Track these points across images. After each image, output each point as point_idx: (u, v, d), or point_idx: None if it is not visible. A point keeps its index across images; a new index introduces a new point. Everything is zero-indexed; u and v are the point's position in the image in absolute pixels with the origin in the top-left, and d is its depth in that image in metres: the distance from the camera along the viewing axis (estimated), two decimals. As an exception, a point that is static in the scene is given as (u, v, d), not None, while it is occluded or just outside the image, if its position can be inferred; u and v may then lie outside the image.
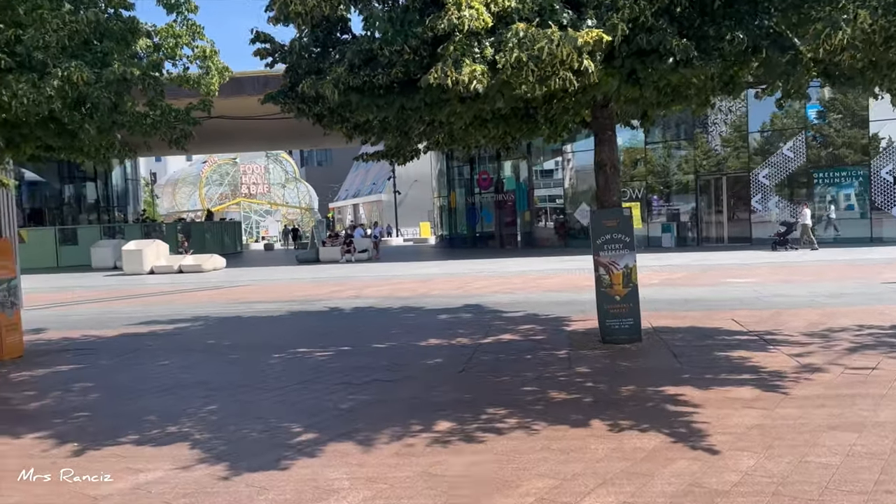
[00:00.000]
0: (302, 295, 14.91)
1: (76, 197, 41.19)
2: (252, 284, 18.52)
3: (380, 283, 17.23)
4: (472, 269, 20.41)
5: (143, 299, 15.73)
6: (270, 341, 9.08)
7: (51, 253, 31.91)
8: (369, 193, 77.03)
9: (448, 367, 7.16)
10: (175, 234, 36.68)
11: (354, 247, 28.58)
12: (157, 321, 11.44)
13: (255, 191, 67.11)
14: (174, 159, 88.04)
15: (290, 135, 39.12)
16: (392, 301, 12.94)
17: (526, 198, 35.22)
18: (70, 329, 10.93)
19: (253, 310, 12.50)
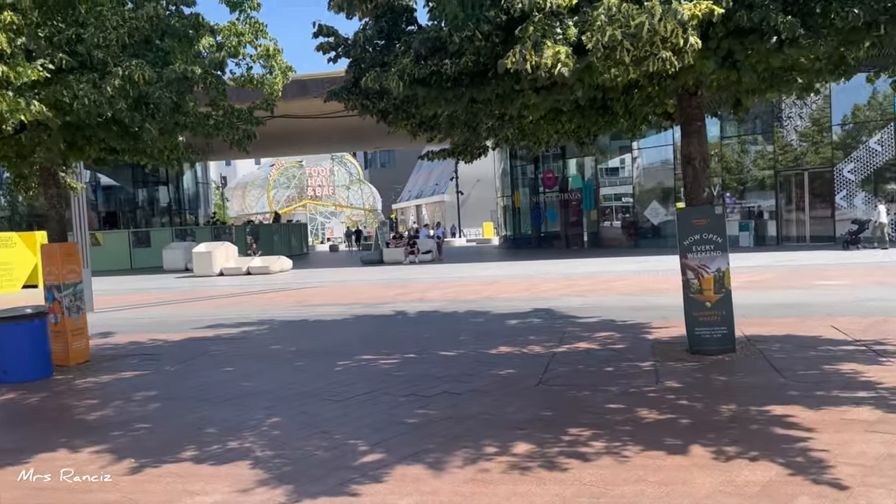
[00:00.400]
0: (366, 298, 14.65)
1: (149, 200, 42.48)
2: (318, 286, 18.43)
3: (444, 285, 16.83)
4: (539, 270, 19.80)
5: (211, 302, 15.79)
6: (335, 347, 8.77)
7: (125, 255, 32.86)
8: (432, 194, 77.06)
9: (522, 378, 6.66)
10: (244, 236, 37.29)
11: (418, 248, 28.33)
12: (224, 324, 11.33)
13: (320, 193, 68.05)
14: (244, 163, 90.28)
15: (354, 136, 39.30)
16: (458, 304, 12.50)
17: (592, 196, 34.29)
18: (138, 332, 10.93)
19: (318, 313, 12.28)
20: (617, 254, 26.06)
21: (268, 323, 11.34)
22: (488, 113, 6.89)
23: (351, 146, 51.42)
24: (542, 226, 37.25)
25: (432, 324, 10.43)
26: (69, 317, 8.38)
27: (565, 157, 35.40)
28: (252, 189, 70.83)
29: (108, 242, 33.14)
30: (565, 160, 35.70)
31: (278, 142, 40.55)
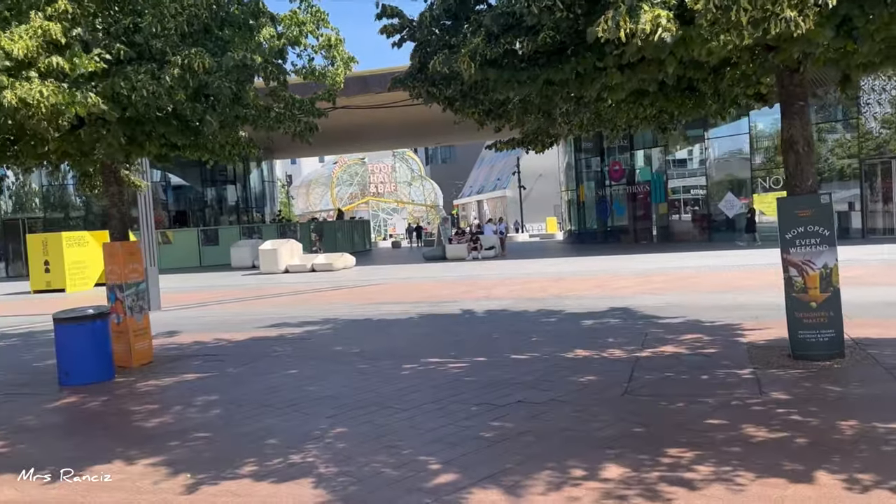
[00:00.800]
0: (431, 295, 14.24)
1: (218, 199, 43.32)
2: (381, 284, 18.15)
3: (510, 282, 16.27)
4: (608, 266, 19.00)
5: (275, 300, 15.69)
6: (400, 349, 8.36)
7: (194, 253, 33.49)
8: (493, 189, 76.40)
9: (605, 386, 6.07)
10: (308, 233, 37.59)
11: (481, 244, 27.81)
12: (288, 324, 11.10)
13: (382, 189, 68.32)
14: (308, 161, 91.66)
15: (416, 132, 39.09)
16: (526, 303, 11.93)
17: (662, 189, 33.05)
18: (202, 331, 10.80)
19: (382, 312, 11.93)
20: (689, 248, 24.95)
21: (331, 322, 11.04)
22: (564, 96, 6.32)
23: (413, 142, 51.33)
24: (608, 220, 36.18)
25: (501, 324, 9.90)
26: (132, 317, 8.23)
27: (633, 148, 34.26)
28: (316, 187, 71.70)
29: (178, 241, 33.87)
30: (633, 152, 34.55)
31: (341, 138, 40.70)
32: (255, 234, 35.69)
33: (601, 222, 36.57)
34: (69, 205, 37.76)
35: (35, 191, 37.17)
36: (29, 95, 5.33)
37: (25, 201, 37.45)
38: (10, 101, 5.33)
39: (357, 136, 39.80)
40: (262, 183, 44.52)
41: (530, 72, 5.67)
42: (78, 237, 23.48)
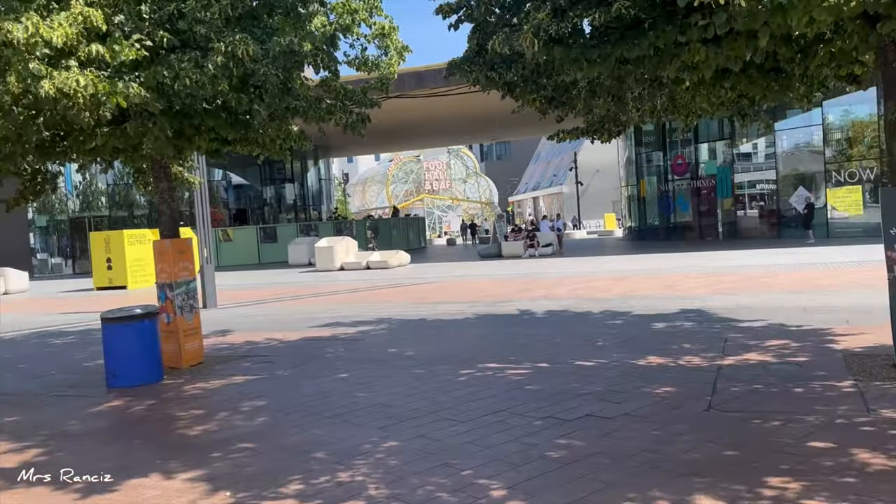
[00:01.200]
0: (487, 295, 13.74)
1: (276, 197, 43.80)
2: (436, 282, 17.75)
3: (570, 280, 15.63)
4: (674, 264, 18.12)
5: (330, 297, 15.46)
6: (456, 352, 7.89)
7: (253, 250, 33.85)
8: (549, 185, 75.31)
9: (685, 400, 5.46)
10: (364, 230, 37.62)
11: (538, 241, 27.14)
12: (341, 323, 10.79)
13: (437, 187, 68.14)
14: (364, 160, 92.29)
15: (471, 127, 38.63)
16: (589, 303, 11.31)
17: (728, 183, 31.68)
18: (255, 330, 10.58)
19: (437, 312, 11.49)
20: (758, 245, 23.73)
21: (385, 322, 10.67)
22: (638, 77, 5.74)
23: (469, 138, 50.88)
24: (671, 216, 34.94)
25: (563, 326, 9.32)
26: (182, 316, 8.00)
27: (697, 141, 32.95)
28: (372, 184, 72.05)
29: (237, 238, 34.32)
30: (697, 145, 33.23)
31: (396, 135, 40.58)
32: (312, 231, 35.87)
33: (663, 218, 35.33)
34: (133, 203, 38.73)
35: (101, 190, 38.28)
36: (66, 85, 5.08)
37: (92, 200, 38.62)
38: (47, 92, 5.08)
39: (412, 132, 39.62)
40: (319, 181, 44.83)
41: (601, 49, 5.12)
42: (139, 235, 23.88)
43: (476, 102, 29.24)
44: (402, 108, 30.51)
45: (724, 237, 31.62)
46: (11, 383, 7.80)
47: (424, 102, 29.12)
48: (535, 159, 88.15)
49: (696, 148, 33.43)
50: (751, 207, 32.29)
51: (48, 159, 7.44)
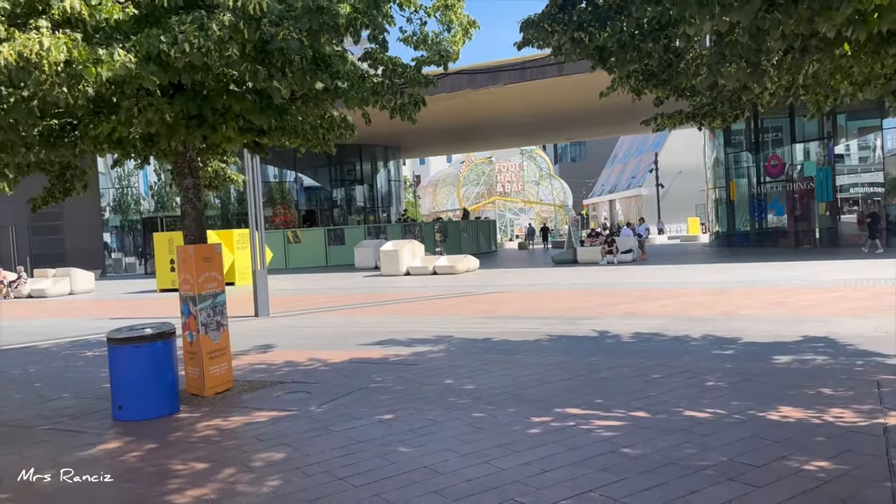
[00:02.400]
0: (563, 308, 12.18)
1: (346, 199, 43.21)
2: (505, 291, 16.27)
3: (658, 293, 13.86)
4: (774, 275, 16.03)
5: (390, 307, 14.25)
6: (527, 388, 6.43)
7: (321, 252, 33.27)
8: (627, 188, 72.54)
9: (855, 487, 3.84)
10: (433, 233, 36.53)
11: (617, 247, 25.25)
12: (396, 340, 9.50)
13: (509, 189, 66.42)
14: (436, 161, 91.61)
15: (545, 125, 36.93)
16: (685, 324, 9.61)
17: (829, 186, 28.85)
18: (300, 347, 9.40)
19: (504, 329, 10.05)
20: (864, 255, 21.10)
21: (445, 341, 9.30)
22: (786, 32, 4.14)
23: (542, 138, 49.12)
24: (762, 221, 32.25)
25: (659, 355, 7.70)
26: (206, 335, 6.85)
27: (794, 140, 30.22)
28: (443, 186, 71.02)
29: (306, 240, 33.81)
30: (793, 145, 30.48)
31: (467, 136, 39.31)
32: (381, 233, 35.02)
33: (754, 223, 32.68)
34: (206, 203, 38.91)
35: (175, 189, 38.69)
36: (27, 48, 3.93)
37: (167, 200, 39.01)
38: (6, 58, 3.95)
39: (483, 132, 38.24)
40: (389, 182, 44.02)
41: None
42: (204, 236, 23.45)
43: (550, 96, 27.58)
44: (475, 108, 29.21)
45: (823, 244, 28.86)
46: (13, 409, 6.83)
47: (495, 99, 27.69)
48: (611, 161, 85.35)
49: (793, 148, 30.70)
50: (853, 212, 29.37)
51: (56, 151, 6.41)
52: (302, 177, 41.85)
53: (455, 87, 25.78)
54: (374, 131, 36.65)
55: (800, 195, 30.18)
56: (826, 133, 29.64)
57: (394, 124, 8.15)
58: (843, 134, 29.67)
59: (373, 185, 42.96)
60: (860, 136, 30.27)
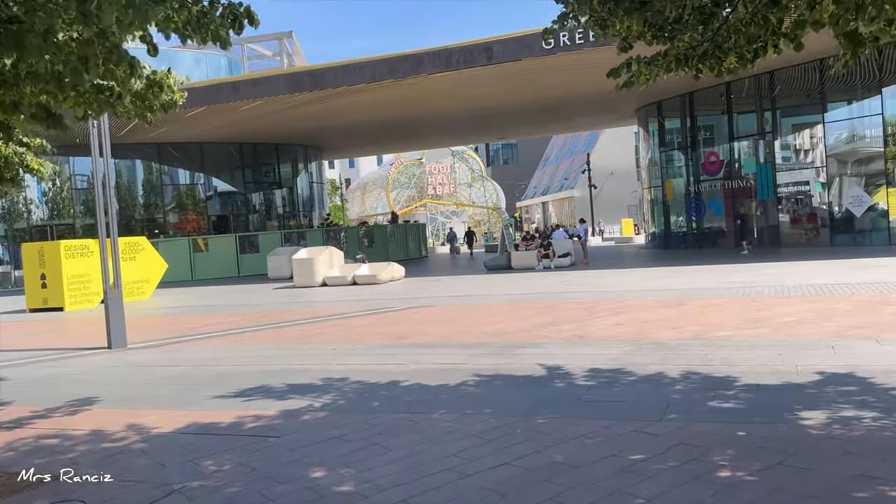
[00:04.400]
0: (495, 330, 9.83)
1: (265, 203, 39.89)
2: (429, 306, 13.83)
3: (606, 306, 11.69)
4: (732, 280, 14.17)
5: (285, 331, 11.60)
6: (438, 491, 3.98)
7: (231, 262, 30.13)
8: (560, 189, 71.63)
9: None
10: (357, 238, 33.86)
11: (553, 251, 23.23)
12: (266, 388, 6.92)
13: (440, 191, 64.15)
14: (366, 164, 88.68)
15: (478, 123, 34.77)
16: (651, 353, 7.36)
17: (770, 183, 27.69)
18: (130, 403, 6.70)
19: (421, 364, 7.59)
20: (811, 256, 19.66)
21: (335, 388, 6.75)
22: None
23: (474, 138, 47.03)
24: (701, 221, 30.96)
25: (634, 413, 5.34)
26: None
27: (732, 136, 29.02)
28: (372, 189, 68.21)
29: (213, 248, 30.59)
30: (732, 142, 29.26)
31: (396, 135, 36.78)
32: (301, 240, 32.11)
33: (691, 224, 31.37)
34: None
35: (69, 197, 34.65)
36: None
37: (62, 207, 34.97)
38: None
39: (413, 130, 35.79)
40: (311, 185, 40.85)
41: None
42: (80, 246, 20.08)
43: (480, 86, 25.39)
44: (398, 101, 26.79)
45: (765, 244, 27.68)
46: None
47: (421, 92, 25.30)
48: (543, 163, 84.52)
49: (732, 145, 29.51)
50: (794, 211, 28.33)
51: None
52: (213, 180, 38.45)
53: (376, 77, 23.27)
54: (291, 129, 33.65)
55: (739, 193, 28.98)
56: (762, 128, 28.59)
57: (313, 121, 6.06)
58: (780, 131, 28.67)
59: (293, 188, 39.82)
60: (794, 132, 29.39)
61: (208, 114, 26.95)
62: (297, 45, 49.89)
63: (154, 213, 36.12)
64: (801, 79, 26.27)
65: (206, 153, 35.90)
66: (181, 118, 27.08)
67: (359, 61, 23.78)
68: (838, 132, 26.50)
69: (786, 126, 29.15)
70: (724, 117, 29.51)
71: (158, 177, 36.04)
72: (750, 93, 28.23)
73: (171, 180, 37.07)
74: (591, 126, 45.96)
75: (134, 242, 21.48)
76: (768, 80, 26.83)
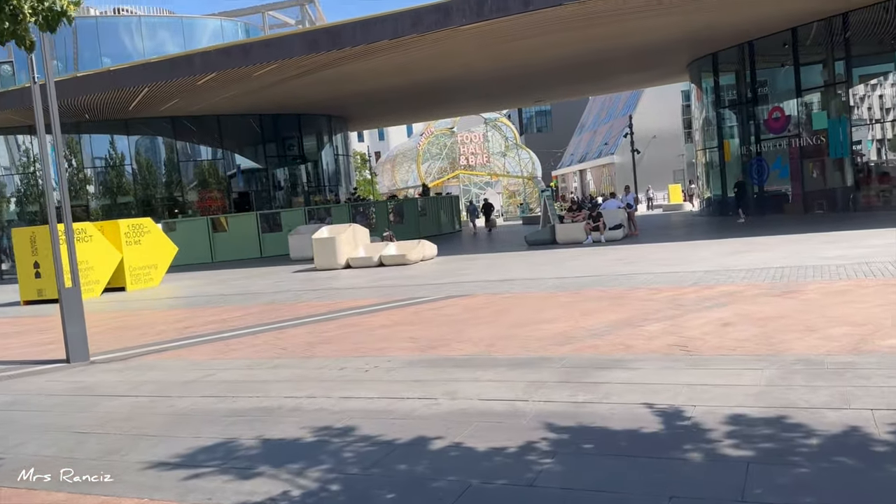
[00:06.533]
0: (556, 333, 7.41)
1: (290, 179, 37.72)
2: (465, 295, 11.46)
3: (692, 294, 9.17)
4: (828, 256, 11.49)
5: (289, 333, 9.37)
6: None
7: (253, 241, 28.15)
8: (598, 156, 68.29)
9: None
10: (387, 213, 31.56)
11: (604, 222, 20.64)
12: (233, 446, 4.72)
13: (473, 161, 61.38)
14: (396, 136, 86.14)
15: (510, 86, 31.96)
16: (817, 387, 4.90)
17: (844, 140, 24.50)
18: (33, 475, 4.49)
19: (459, 398, 5.24)
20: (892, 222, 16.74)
21: (329, 453, 4.42)
22: None
23: (508, 102, 44.07)
24: (763, 184, 27.88)
25: None
26: None
27: (800, 89, 25.78)
28: (403, 162, 65.76)
29: (233, 228, 28.65)
30: (800, 97, 26.02)
31: (422, 101, 34.19)
32: (327, 216, 29.95)
33: (752, 187, 28.31)
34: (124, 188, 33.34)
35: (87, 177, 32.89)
36: None
37: (78, 188, 33.23)
38: None
39: (441, 95, 33.08)
40: (336, 158, 38.52)
41: None
42: (79, 230, 18.11)
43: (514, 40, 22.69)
44: (424, 61, 24.23)
45: (838, 209, 24.63)
46: None
47: (449, 50, 22.68)
48: (579, 130, 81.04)
49: (800, 99, 26.26)
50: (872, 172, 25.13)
51: None
52: (235, 156, 36.42)
53: (398, 31, 20.69)
54: (312, 98, 31.16)
55: (810, 153, 25.85)
56: (833, 79, 25.34)
57: (334, 87, 4.14)
58: (853, 83, 25.30)
59: (318, 162, 37.58)
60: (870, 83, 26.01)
61: (222, 82, 24.70)
62: (319, 12, 47.40)
63: (174, 192, 34.22)
64: (876, 21, 22.89)
65: (225, 126, 33.73)
66: (192, 87, 24.93)
67: (379, 15, 21.22)
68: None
69: (860, 77, 25.79)
70: (790, 69, 26.21)
71: (175, 153, 34.00)
72: (818, 40, 24.95)
73: (189, 156, 35.06)
74: (634, 84, 42.60)
75: (138, 224, 19.49)
76: (841, 22, 23.54)
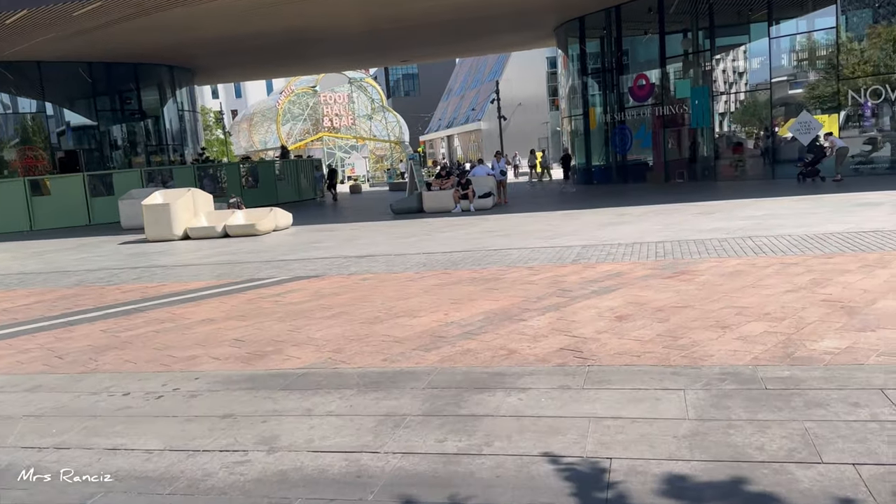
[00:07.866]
0: (421, 330, 5.92)
1: (128, 138, 33.61)
2: (319, 276, 9.73)
3: (575, 276, 8.01)
4: (707, 228, 10.88)
5: (81, 332, 7.23)
6: None
7: (81, 207, 24.60)
8: (465, 122, 67.67)
9: None
10: (238, 177, 28.83)
11: (473, 190, 19.47)
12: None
13: (338, 123, 58.72)
14: (253, 92, 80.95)
15: (377, 42, 29.86)
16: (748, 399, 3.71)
17: (706, 109, 24.85)
18: None
19: (280, 449, 3.62)
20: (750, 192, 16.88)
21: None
22: None
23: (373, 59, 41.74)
24: (626, 152, 27.97)
25: None
26: None
27: (664, 58, 25.81)
28: (261, 122, 61.76)
29: (57, 191, 24.91)
30: (665, 66, 26.08)
31: (280, 53, 31.24)
32: (169, 179, 26.81)
33: (615, 156, 28.35)
34: None
35: None
36: None
37: None
38: None
39: (301, 48, 30.39)
40: (180, 115, 34.73)
41: None
42: None
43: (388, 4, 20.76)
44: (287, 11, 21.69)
45: (697, 178, 25.12)
46: None
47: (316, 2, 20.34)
48: (446, 95, 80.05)
49: (665, 69, 26.35)
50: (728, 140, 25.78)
51: None
52: (63, 110, 31.87)
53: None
54: (151, 44, 27.31)
55: (673, 121, 26.07)
56: (697, 48, 25.61)
57: (177, 34, 2.45)
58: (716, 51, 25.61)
59: (159, 119, 33.71)
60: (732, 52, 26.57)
61: (37, 23, 20.83)
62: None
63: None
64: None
65: (48, 75, 29.15)
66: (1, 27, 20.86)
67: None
68: (778, 49, 23.71)
69: (724, 44, 26.21)
70: (656, 37, 26.16)
71: (-11, 105, 29.11)
72: (683, 7, 25.03)
73: (13, 107, 30.22)
74: (503, 47, 41.70)
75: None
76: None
